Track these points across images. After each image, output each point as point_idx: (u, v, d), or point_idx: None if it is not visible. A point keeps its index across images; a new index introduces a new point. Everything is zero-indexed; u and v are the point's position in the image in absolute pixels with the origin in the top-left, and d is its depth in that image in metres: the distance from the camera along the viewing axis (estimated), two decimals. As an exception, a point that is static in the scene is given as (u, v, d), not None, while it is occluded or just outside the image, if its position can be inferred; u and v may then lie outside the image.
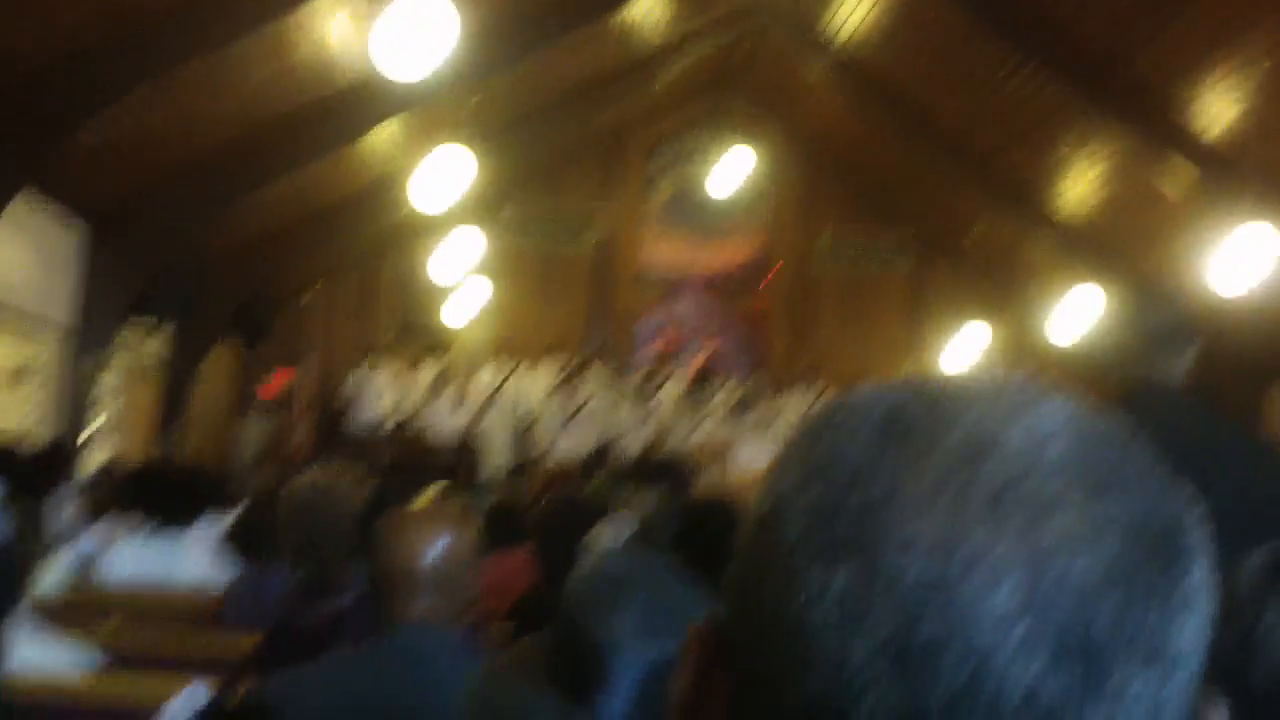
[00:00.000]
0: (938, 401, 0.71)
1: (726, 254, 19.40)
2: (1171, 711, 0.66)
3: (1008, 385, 0.73)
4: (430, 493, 3.11)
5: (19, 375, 11.38)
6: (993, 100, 13.40)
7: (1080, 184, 13.84)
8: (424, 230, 16.74)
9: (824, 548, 0.67)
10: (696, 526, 3.85)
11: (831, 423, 0.73)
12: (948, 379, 0.73)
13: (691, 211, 19.29)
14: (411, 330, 18.25)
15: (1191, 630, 0.67)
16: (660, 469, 11.59)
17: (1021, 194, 14.85)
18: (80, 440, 11.56)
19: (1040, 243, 15.22)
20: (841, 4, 14.11)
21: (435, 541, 2.84)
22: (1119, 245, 14.04)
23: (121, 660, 4.16)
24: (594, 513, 4.48)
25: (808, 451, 0.72)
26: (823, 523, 0.68)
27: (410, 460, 15.46)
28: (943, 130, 14.92)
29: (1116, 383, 3.60)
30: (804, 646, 0.66)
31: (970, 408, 0.70)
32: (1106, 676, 0.64)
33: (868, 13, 13.93)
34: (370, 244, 17.33)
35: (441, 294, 17.34)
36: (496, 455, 17.29)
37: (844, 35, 14.71)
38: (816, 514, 0.68)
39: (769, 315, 19.40)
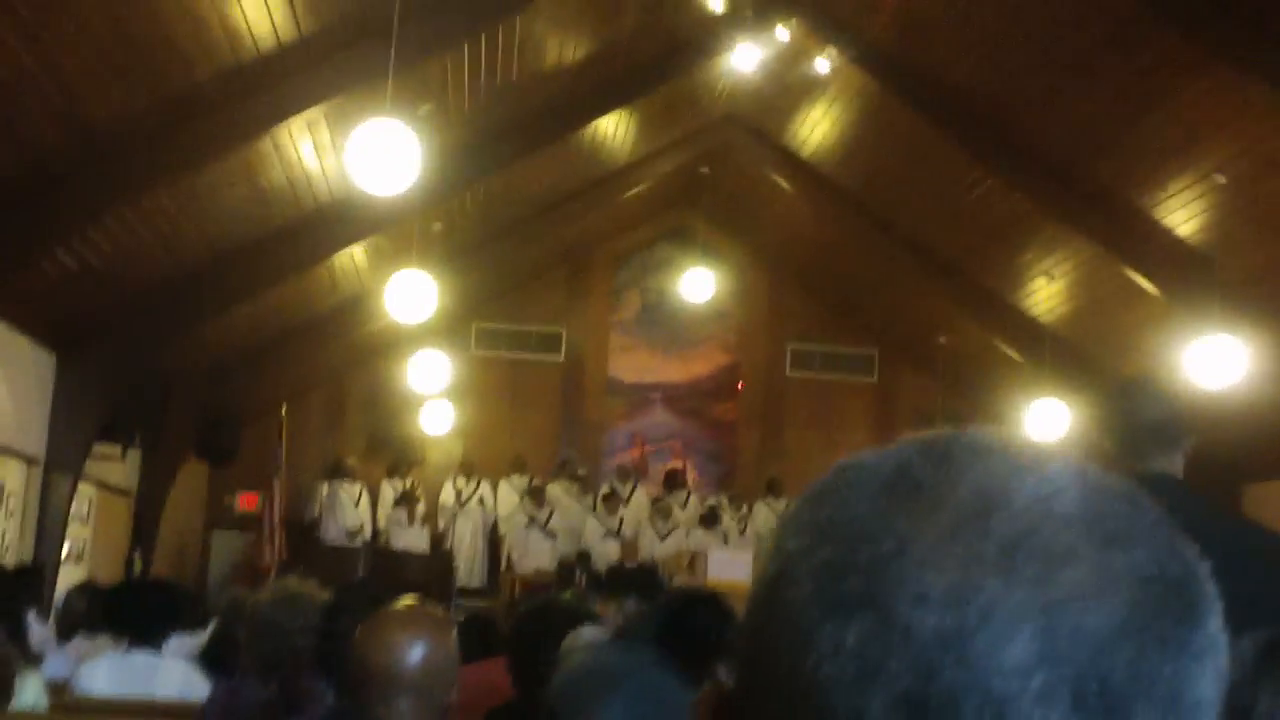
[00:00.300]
0: (945, 458, 0.71)
1: (694, 365, 19.44)
2: None
3: (1013, 441, 0.73)
4: (406, 599, 3.07)
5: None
6: (957, 209, 13.54)
7: (1046, 291, 13.94)
8: (391, 346, 16.78)
9: (836, 604, 0.66)
10: (680, 620, 3.81)
11: (837, 483, 0.73)
12: (953, 436, 0.74)
13: (659, 323, 19.36)
14: (380, 444, 18.21)
15: (1207, 681, 0.67)
16: (632, 579, 11.53)
17: (988, 301, 14.95)
18: (52, 564, 11.45)
19: (1007, 349, 15.30)
20: (805, 117, 14.27)
21: (415, 643, 2.81)
22: (1086, 350, 14.14)
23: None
24: (570, 618, 4.43)
25: (814, 512, 0.72)
26: (833, 579, 0.67)
27: (382, 573, 15.37)
28: (908, 239, 15.03)
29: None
30: (819, 704, 0.66)
31: (978, 463, 0.70)
32: None
33: (831, 126, 14.10)
34: (337, 360, 17.32)
35: (410, 408, 17.34)
36: (468, 568, 17.21)
37: (808, 148, 14.87)
38: (827, 571, 0.68)
39: (737, 425, 19.41)
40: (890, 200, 14.86)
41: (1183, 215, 11.12)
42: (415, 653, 2.82)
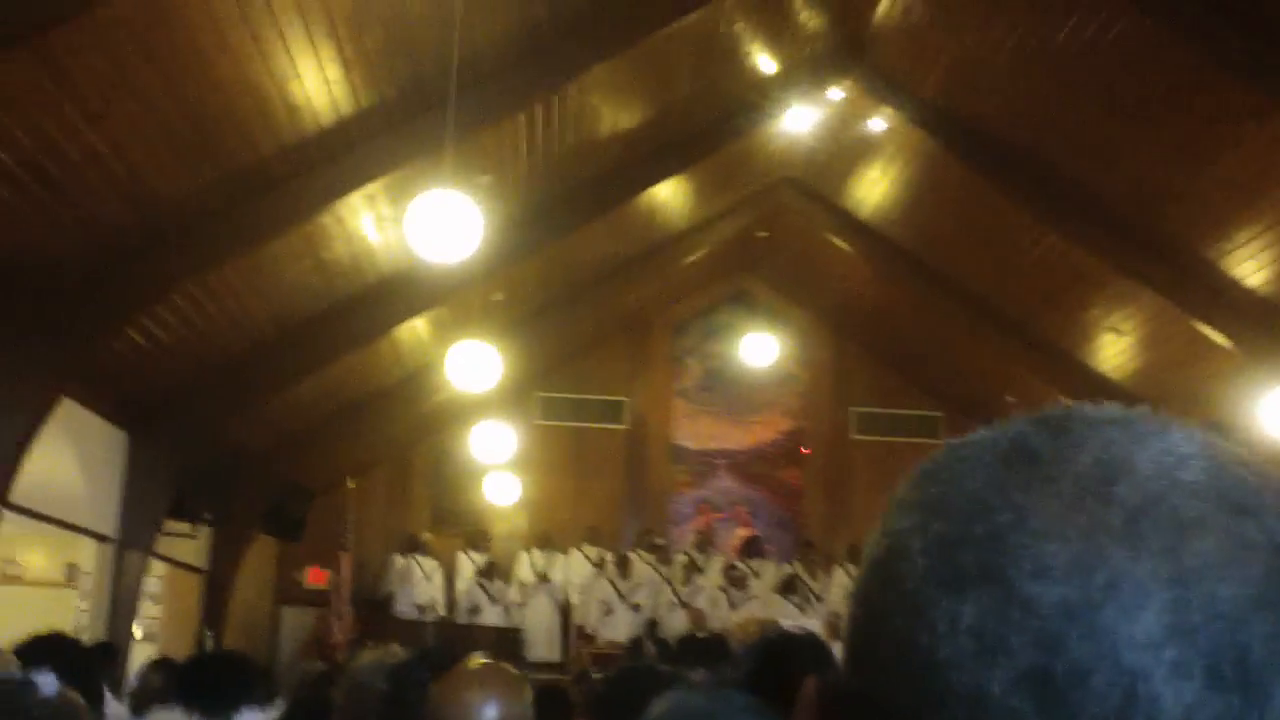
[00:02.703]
0: (1062, 429, 0.68)
1: (758, 430, 19.39)
2: None
3: (1132, 413, 0.70)
4: (479, 657, 3.05)
5: (66, 580, 11.40)
6: (1022, 264, 13.47)
7: (1115, 346, 13.82)
8: (454, 418, 16.83)
9: (952, 579, 0.64)
10: (775, 661, 3.74)
11: (948, 460, 0.70)
12: (1069, 409, 0.71)
13: (721, 389, 19.35)
14: (447, 518, 18.26)
15: None
16: (703, 648, 11.44)
17: (1056, 358, 14.83)
18: (126, 640, 11.52)
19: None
20: (862, 177, 14.27)
21: (490, 700, 2.79)
22: (1157, 407, 13.95)
23: None
24: (659, 681, 4.38)
25: (924, 490, 0.70)
26: (948, 554, 0.65)
27: (454, 647, 15.35)
28: (972, 297, 14.97)
29: None
30: (937, 684, 0.63)
31: (1097, 433, 0.67)
32: (1266, 699, 0.60)
33: (889, 185, 14.09)
34: (401, 434, 17.40)
35: (474, 480, 17.38)
36: (540, 639, 17.14)
37: (866, 208, 14.86)
38: (941, 546, 0.65)
39: (804, 490, 19.31)
40: (951, 259, 14.81)
41: (1252, 266, 11.00)
42: (490, 710, 2.79)
